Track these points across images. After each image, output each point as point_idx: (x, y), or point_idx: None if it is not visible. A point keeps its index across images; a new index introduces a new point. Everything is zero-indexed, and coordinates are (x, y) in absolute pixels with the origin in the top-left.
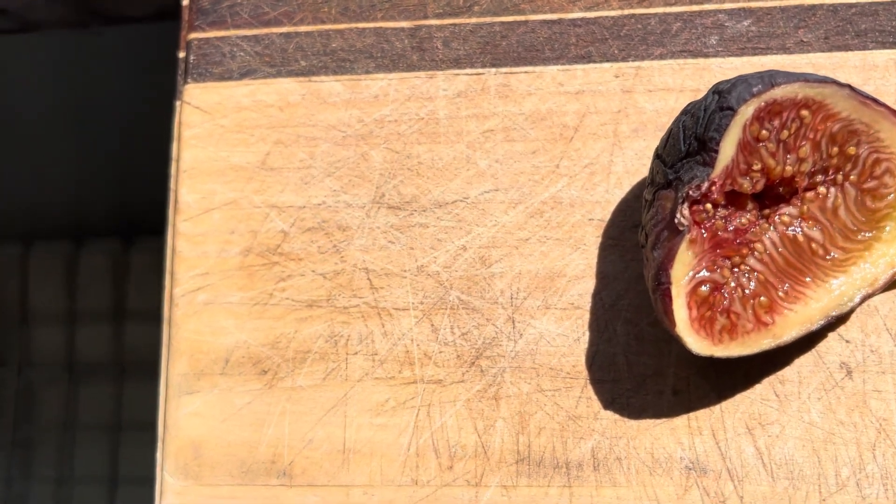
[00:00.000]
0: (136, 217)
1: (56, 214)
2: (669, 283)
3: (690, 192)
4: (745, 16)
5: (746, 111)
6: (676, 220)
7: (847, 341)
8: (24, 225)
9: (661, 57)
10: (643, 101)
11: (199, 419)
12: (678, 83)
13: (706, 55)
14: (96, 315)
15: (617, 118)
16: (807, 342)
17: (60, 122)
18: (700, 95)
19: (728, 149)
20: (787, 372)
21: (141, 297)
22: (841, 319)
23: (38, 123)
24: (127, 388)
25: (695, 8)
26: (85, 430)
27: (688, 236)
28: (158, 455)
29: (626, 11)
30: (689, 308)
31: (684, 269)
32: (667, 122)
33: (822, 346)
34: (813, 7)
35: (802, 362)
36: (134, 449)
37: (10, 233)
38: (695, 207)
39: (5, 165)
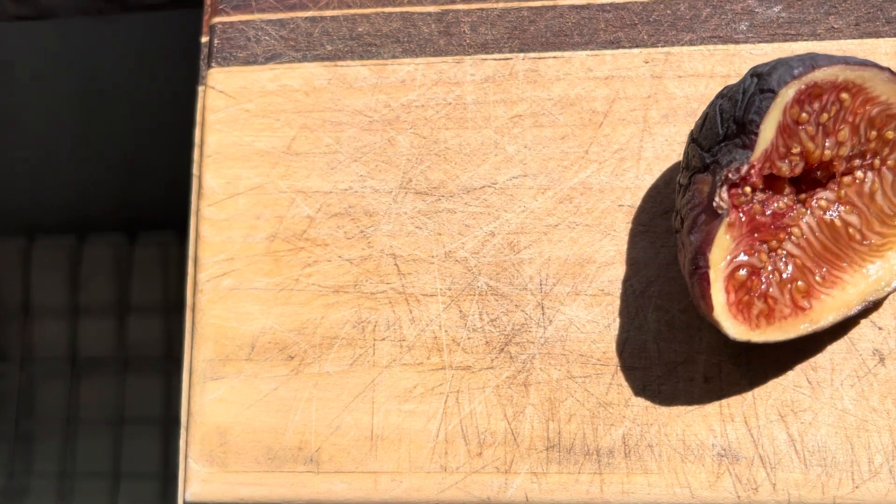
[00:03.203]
0: (140, 211)
1: (59, 208)
2: (707, 266)
3: (730, 175)
4: (775, 2)
5: (787, 94)
6: (715, 204)
7: (880, 328)
8: (28, 218)
9: (691, 43)
10: (673, 86)
11: (224, 405)
12: (708, 69)
13: (736, 41)
14: (99, 309)
15: (647, 104)
16: (839, 329)
17: (65, 114)
18: (730, 81)
19: (768, 132)
20: (820, 359)
21: (144, 291)
22: (875, 306)
23: (43, 114)
24: (129, 382)
25: None
26: (87, 424)
27: (726, 220)
28: (182, 442)
29: None
30: (727, 292)
31: (722, 253)
32: (697, 107)
33: (854, 332)
34: None
35: (835, 349)
36: (136, 443)
37: (14, 226)
38: (733, 191)
39: (9, 158)
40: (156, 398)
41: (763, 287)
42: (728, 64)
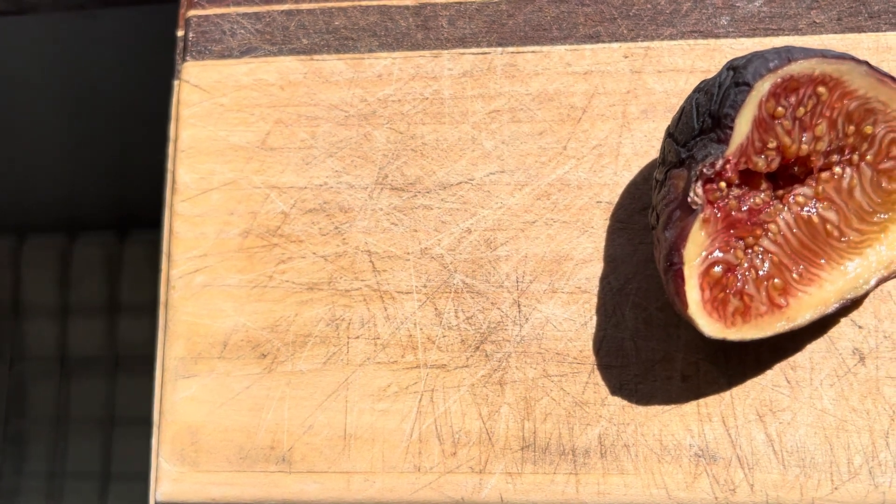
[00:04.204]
0: (130, 210)
1: (49, 207)
2: (682, 263)
3: (704, 170)
4: None
5: (762, 87)
6: (690, 199)
7: (860, 327)
8: (17, 217)
9: (671, 37)
10: (652, 81)
11: (196, 404)
12: (688, 64)
13: (717, 36)
14: (89, 309)
15: (626, 99)
16: (819, 327)
17: (54, 111)
18: (711, 76)
19: (743, 126)
20: (799, 358)
21: (135, 290)
22: (854, 304)
23: (30, 112)
24: (120, 382)
25: None
26: (77, 424)
27: (701, 215)
28: (154, 440)
29: None
30: (702, 289)
31: (697, 250)
32: (677, 103)
33: (834, 331)
34: None
35: (814, 348)
36: (127, 444)
37: (3, 225)
38: (708, 186)
39: None
40: (146, 398)
41: (739, 284)
42: (708, 59)
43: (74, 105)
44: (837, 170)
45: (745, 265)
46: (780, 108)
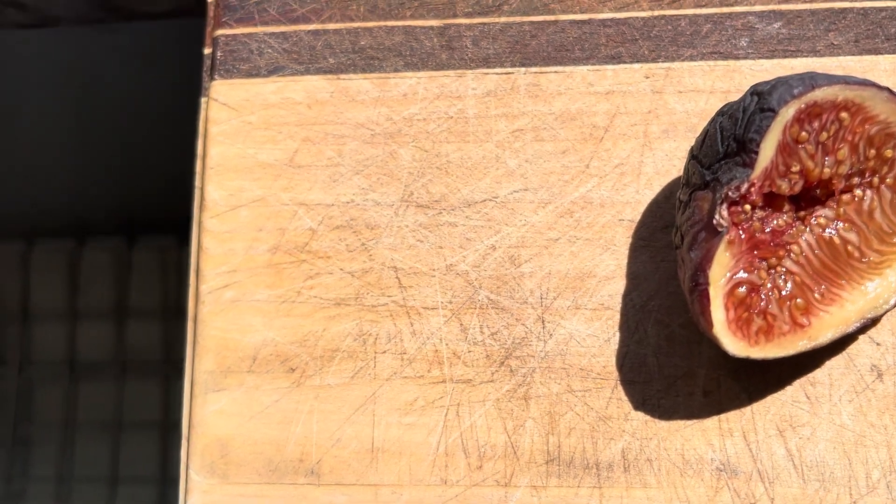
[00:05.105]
0: (139, 215)
1: (59, 212)
2: (707, 284)
3: (729, 193)
4: (775, 18)
5: (787, 113)
6: (715, 221)
7: (878, 344)
8: (27, 222)
9: (692, 58)
10: (673, 101)
11: (225, 417)
12: (708, 84)
13: (736, 57)
14: (98, 313)
15: (647, 119)
16: (838, 345)
17: (66, 119)
18: (731, 97)
19: (768, 150)
20: (818, 374)
21: (143, 295)
22: (873, 322)
23: (42, 119)
24: (128, 386)
25: (725, 10)
26: (85, 428)
27: (726, 237)
28: (184, 453)
29: (657, 12)
30: (727, 309)
31: (722, 271)
32: (697, 123)
33: (852, 348)
34: (843, 10)
35: (833, 365)
36: (135, 448)
37: (13, 230)
38: (733, 208)
39: (8, 162)
40: (154, 402)
41: (762, 304)
42: (728, 80)
43: (86, 113)
44: (858, 192)
45: (769, 285)
46: (803, 133)
